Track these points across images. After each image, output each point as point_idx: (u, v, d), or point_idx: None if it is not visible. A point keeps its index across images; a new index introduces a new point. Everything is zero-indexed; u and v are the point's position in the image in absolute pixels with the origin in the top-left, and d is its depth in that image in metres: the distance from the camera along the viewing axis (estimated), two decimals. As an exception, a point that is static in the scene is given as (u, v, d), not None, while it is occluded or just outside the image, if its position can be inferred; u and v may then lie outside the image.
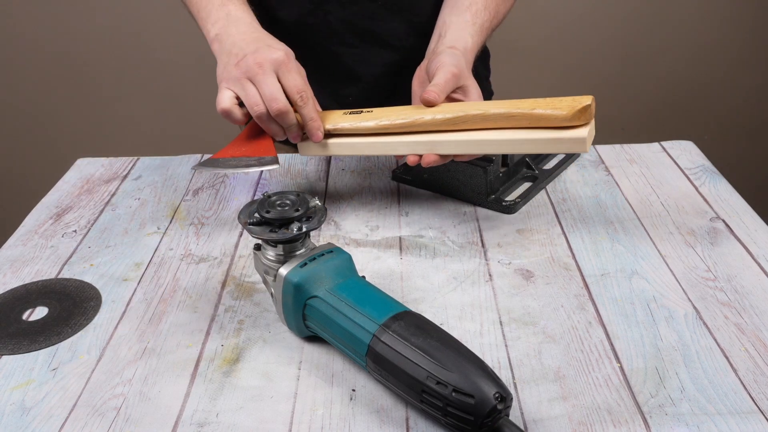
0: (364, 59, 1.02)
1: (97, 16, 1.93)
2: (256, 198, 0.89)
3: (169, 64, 1.98)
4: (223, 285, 0.76)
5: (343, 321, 0.60)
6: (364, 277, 0.66)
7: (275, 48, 0.79)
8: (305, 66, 0.83)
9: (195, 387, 0.62)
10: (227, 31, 0.83)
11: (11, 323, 0.71)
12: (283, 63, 0.78)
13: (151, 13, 1.91)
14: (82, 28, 1.94)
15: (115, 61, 1.98)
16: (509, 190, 0.91)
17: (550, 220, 0.86)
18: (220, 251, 0.82)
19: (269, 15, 0.99)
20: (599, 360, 0.63)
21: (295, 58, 0.81)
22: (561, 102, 0.74)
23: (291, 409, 0.59)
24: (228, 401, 0.60)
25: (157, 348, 0.67)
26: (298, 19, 0.99)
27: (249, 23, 0.84)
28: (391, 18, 1.00)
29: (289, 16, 1.00)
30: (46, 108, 2.04)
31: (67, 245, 0.84)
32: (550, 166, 0.96)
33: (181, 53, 1.94)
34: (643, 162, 0.98)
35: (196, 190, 0.96)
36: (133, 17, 1.92)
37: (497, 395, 0.52)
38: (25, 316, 0.72)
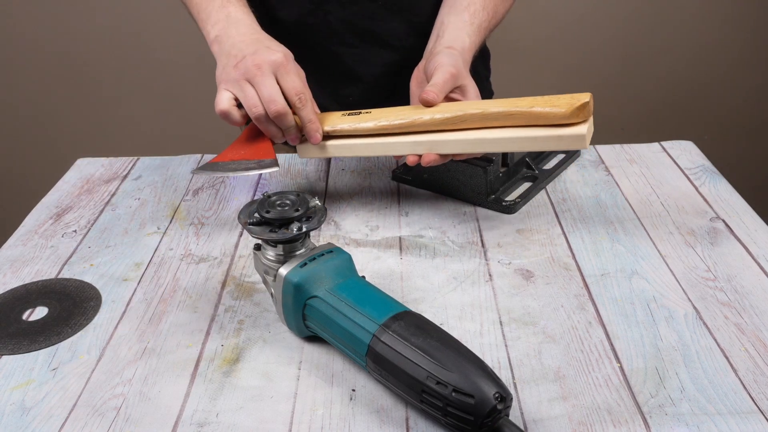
0: (364, 59, 1.02)
1: (97, 16, 1.93)
2: (256, 198, 0.89)
3: (169, 64, 1.98)
4: (223, 285, 0.76)
5: (343, 321, 0.60)
6: (364, 277, 0.66)
7: (274, 50, 0.79)
8: (305, 66, 0.83)
9: (195, 387, 0.62)
10: (227, 32, 0.83)
11: (11, 323, 0.71)
12: (281, 65, 0.78)
13: (151, 13, 1.91)
14: (82, 28, 1.94)
15: (115, 61, 1.98)
16: (509, 190, 0.91)
17: (550, 220, 0.86)
18: (220, 251, 0.82)
19: (269, 15, 0.99)
20: (599, 360, 0.63)
21: (295, 60, 0.81)
22: (559, 100, 0.74)
23: (291, 409, 0.59)
24: (228, 401, 0.60)
25: (157, 348, 0.67)
26: (298, 19, 0.99)
27: (249, 25, 0.84)
28: (391, 18, 1.00)
29: (290, 16, 1.00)
30: (46, 108, 2.04)
31: (67, 245, 0.84)
32: (550, 166, 0.96)
33: (181, 53, 1.94)
34: (643, 162, 0.98)
35: (196, 190, 0.96)
36: (133, 17, 1.92)
37: (497, 395, 0.52)
38: (25, 316, 0.72)
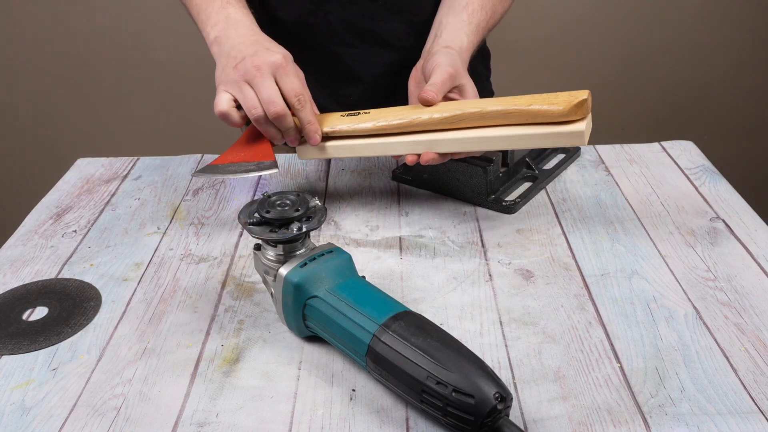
0: (364, 59, 1.02)
1: (97, 16, 1.93)
2: (256, 198, 0.89)
3: (169, 64, 1.98)
4: (223, 285, 0.76)
5: (343, 321, 0.60)
6: (364, 277, 0.66)
7: (273, 51, 0.79)
8: (305, 66, 0.83)
9: (195, 387, 0.62)
10: (226, 33, 0.83)
11: (11, 323, 0.71)
12: (281, 66, 0.78)
13: (151, 13, 1.91)
14: (82, 28, 1.94)
15: (115, 61, 1.98)
16: (509, 190, 0.91)
17: (550, 220, 0.86)
18: (220, 251, 0.82)
19: (270, 15, 0.99)
20: (599, 360, 0.63)
21: (295, 60, 0.81)
22: (557, 97, 0.74)
23: (291, 409, 0.59)
24: (228, 401, 0.60)
25: (157, 348, 0.67)
26: (298, 19, 0.99)
27: (248, 26, 0.84)
28: (391, 18, 1.00)
29: (290, 16, 1.00)
30: (46, 108, 2.04)
31: (67, 245, 0.84)
32: (550, 166, 0.96)
33: (181, 53, 1.94)
34: (643, 162, 0.98)
35: (196, 190, 0.96)
36: (133, 17, 1.92)
37: (497, 395, 0.52)
38: (25, 316, 0.72)
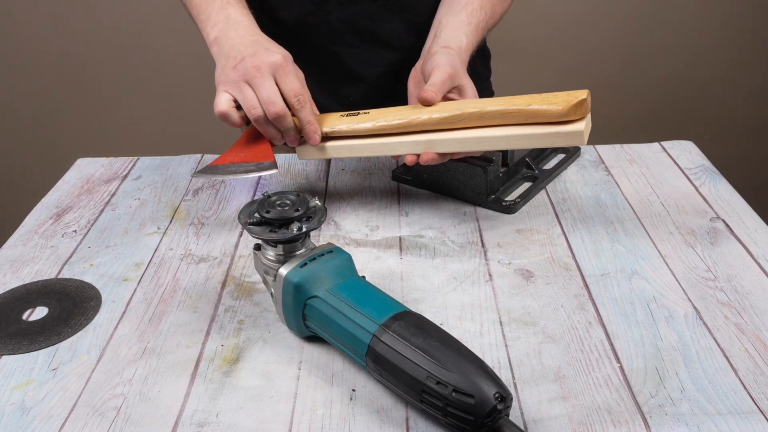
0: (365, 59, 1.02)
1: (97, 16, 1.93)
2: (256, 198, 0.89)
3: (169, 64, 1.98)
4: (223, 285, 0.76)
5: (343, 321, 0.60)
6: (364, 277, 0.66)
7: (273, 51, 0.79)
8: (305, 66, 0.83)
9: (195, 387, 0.62)
10: (226, 34, 0.83)
11: (11, 323, 0.71)
12: (280, 66, 0.78)
13: (151, 13, 1.91)
14: (82, 28, 1.94)
15: (115, 61, 1.98)
16: (509, 190, 0.91)
17: (550, 220, 0.86)
18: (220, 251, 0.82)
19: (270, 15, 0.99)
20: (599, 360, 0.63)
21: (295, 60, 0.81)
22: (557, 97, 0.74)
23: (291, 409, 0.59)
24: (228, 401, 0.60)
25: (157, 348, 0.67)
26: (298, 19, 0.99)
27: (248, 26, 0.84)
28: (391, 18, 1.00)
29: (290, 17, 1.00)
30: (46, 108, 2.04)
31: (67, 245, 0.84)
32: (550, 166, 0.96)
33: (181, 53, 1.94)
34: (643, 162, 0.98)
35: (196, 190, 0.96)
36: (133, 17, 1.92)
37: (497, 395, 0.52)
38: (25, 316, 0.72)
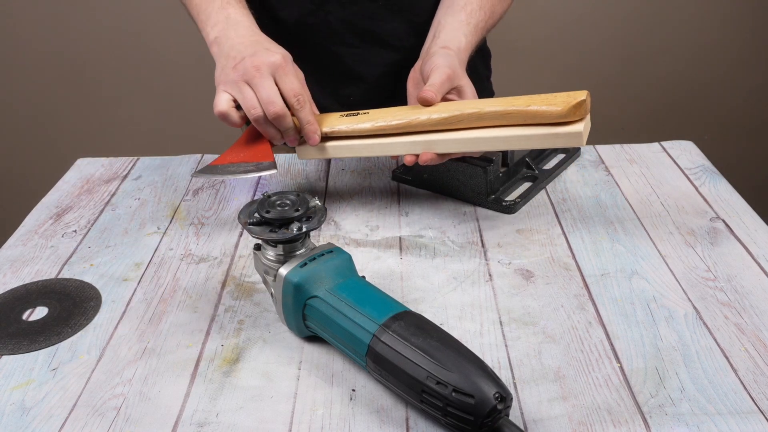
0: (365, 59, 1.02)
1: (97, 16, 1.93)
2: (256, 198, 0.89)
3: (169, 64, 1.98)
4: (223, 285, 0.76)
5: (343, 321, 0.60)
6: (364, 277, 0.66)
7: (273, 51, 0.79)
8: (305, 66, 0.83)
9: (195, 387, 0.62)
10: (226, 34, 0.83)
11: (11, 323, 0.71)
12: (280, 66, 0.78)
13: (151, 13, 1.91)
14: (82, 28, 1.94)
15: (115, 61, 1.98)
16: (509, 190, 0.91)
17: (550, 220, 0.86)
18: (220, 251, 0.82)
19: (270, 15, 0.99)
20: (599, 360, 0.63)
21: (295, 60, 0.81)
22: (556, 98, 0.74)
23: (291, 409, 0.59)
24: (228, 401, 0.60)
25: (157, 348, 0.67)
26: (298, 19, 0.99)
27: (248, 27, 0.84)
28: (391, 18, 1.00)
29: (290, 17, 1.00)
30: (46, 108, 2.04)
31: (67, 245, 0.84)
32: (550, 166, 0.96)
33: (181, 53, 1.94)
34: (643, 162, 0.98)
35: (196, 190, 0.96)
36: (133, 17, 1.92)
37: (497, 395, 0.52)
38: (25, 316, 0.72)
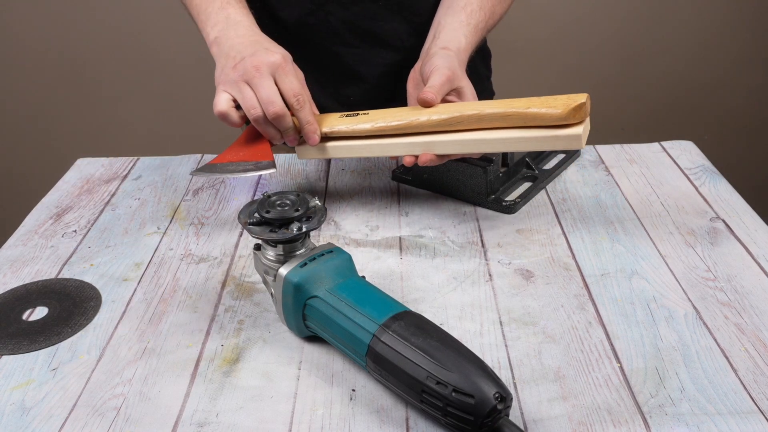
0: (365, 59, 1.02)
1: (96, 16, 1.93)
2: (256, 198, 0.89)
3: (169, 64, 1.98)
4: (223, 285, 0.76)
5: (343, 321, 0.60)
6: (364, 277, 0.66)
7: (273, 51, 0.79)
8: (306, 66, 0.83)
9: (195, 387, 0.62)
10: (226, 34, 0.83)
11: (11, 323, 0.71)
12: (280, 66, 0.78)
13: (151, 13, 1.91)
14: (82, 28, 1.94)
15: (115, 61, 1.98)
16: (509, 190, 0.91)
17: (550, 220, 0.86)
18: (220, 251, 0.82)
19: (270, 15, 0.99)
20: (599, 360, 0.63)
21: (295, 60, 0.81)
22: (556, 100, 0.74)
23: (291, 409, 0.59)
24: (228, 401, 0.60)
25: (157, 348, 0.67)
26: (298, 19, 0.99)
27: (248, 27, 0.84)
28: (391, 18, 1.00)
29: (290, 17, 1.00)
30: (46, 108, 2.04)
31: (67, 245, 0.84)
32: (550, 166, 0.96)
33: (181, 53, 1.93)
34: (643, 162, 0.98)
35: (196, 190, 0.96)
36: (133, 17, 1.92)
37: (497, 395, 0.52)
38: (25, 316, 0.72)
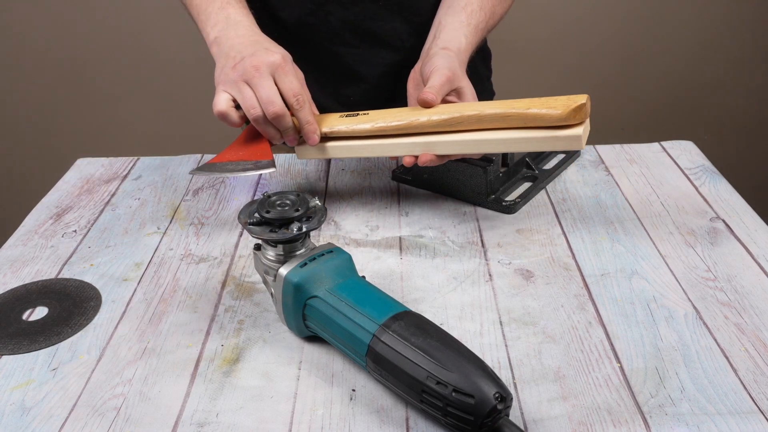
0: (365, 59, 1.02)
1: (96, 16, 1.93)
2: (256, 198, 0.89)
3: (169, 64, 1.98)
4: (223, 285, 0.76)
5: (343, 321, 0.60)
6: (364, 277, 0.66)
7: (273, 51, 0.79)
8: (306, 66, 0.83)
9: (195, 387, 0.62)
10: (226, 34, 0.83)
11: (11, 323, 0.71)
12: (280, 66, 0.78)
13: (151, 13, 1.91)
14: (82, 28, 1.94)
15: (115, 61, 1.98)
16: (509, 190, 0.91)
17: (550, 220, 0.86)
18: (220, 251, 0.82)
19: (270, 15, 0.99)
20: (599, 360, 0.63)
21: (295, 60, 0.81)
22: (556, 101, 0.74)
23: (291, 409, 0.59)
24: (228, 401, 0.60)
25: (157, 348, 0.67)
26: (299, 19, 0.99)
27: (248, 27, 0.84)
28: (391, 18, 1.00)
29: (290, 17, 1.00)
30: (46, 108, 2.04)
31: (67, 245, 0.84)
32: (550, 166, 0.96)
33: (181, 53, 1.93)
34: (643, 162, 0.98)
35: (196, 190, 0.96)
36: (133, 17, 1.92)
37: (497, 395, 0.52)
38: (25, 316, 0.72)
